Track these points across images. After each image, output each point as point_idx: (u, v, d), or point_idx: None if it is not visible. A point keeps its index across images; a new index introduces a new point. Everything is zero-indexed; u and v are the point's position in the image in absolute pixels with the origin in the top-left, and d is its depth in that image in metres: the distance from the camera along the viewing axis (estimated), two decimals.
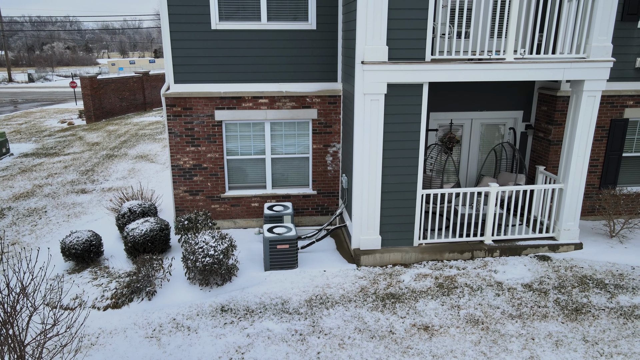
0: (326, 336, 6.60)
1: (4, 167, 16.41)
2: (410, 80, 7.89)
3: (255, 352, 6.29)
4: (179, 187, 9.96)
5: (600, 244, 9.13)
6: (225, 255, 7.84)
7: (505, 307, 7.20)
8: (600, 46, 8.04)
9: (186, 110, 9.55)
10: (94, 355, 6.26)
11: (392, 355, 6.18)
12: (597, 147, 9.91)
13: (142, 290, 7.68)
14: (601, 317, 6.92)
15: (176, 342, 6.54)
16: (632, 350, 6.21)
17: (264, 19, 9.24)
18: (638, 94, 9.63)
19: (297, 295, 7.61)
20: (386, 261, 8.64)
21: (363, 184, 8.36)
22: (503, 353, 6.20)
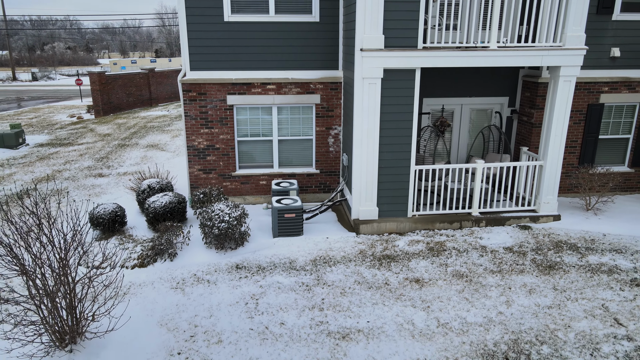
0: (329, 287, 7.54)
1: (22, 155, 17.33)
2: (404, 65, 8.83)
3: (267, 299, 7.22)
4: (193, 165, 10.89)
5: (576, 216, 10.07)
6: (238, 222, 8.77)
7: (487, 265, 8.14)
8: (574, 35, 8.98)
9: (201, 95, 10.48)
10: (127, 300, 7.18)
11: (387, 301, 7.12)
12: (575, 129, 10.85)
13: (164, 252, 8.60)
14: (571, 272, 7.87)
15: (198, 291, 7.48)
16: (595, 296, 7.15)
17: (272, 11, 10.18)
18: (613, 80, 10.57)
19: (303, 257, 8.55)
20: (383, 230, 9.58)
21: (362, 160, 9.30)
22: (483, 298, 7.14)
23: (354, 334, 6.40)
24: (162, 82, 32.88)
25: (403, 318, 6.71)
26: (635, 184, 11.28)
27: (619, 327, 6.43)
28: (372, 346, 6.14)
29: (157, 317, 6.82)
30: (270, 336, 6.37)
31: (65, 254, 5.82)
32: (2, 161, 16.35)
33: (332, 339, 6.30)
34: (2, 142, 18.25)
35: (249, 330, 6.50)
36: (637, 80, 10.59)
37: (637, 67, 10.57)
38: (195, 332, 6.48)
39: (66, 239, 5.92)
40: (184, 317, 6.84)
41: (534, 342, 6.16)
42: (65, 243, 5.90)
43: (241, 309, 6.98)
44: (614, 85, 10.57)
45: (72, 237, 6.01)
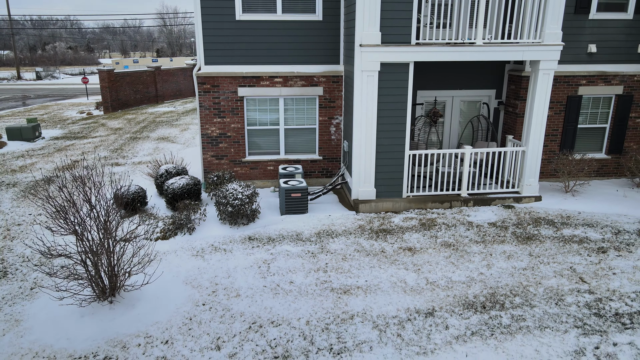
0: (332, 254, 8.54)
1: (40, 147, 18.32)
2: (399, 59, 9.83)
3: (277, 263, 8.23)
4: (207, 152, 11.89)
5: (556, 197, 11.07)
6: (250, 200, 9.77)
7: (472, 237, 9.15)
8: (552, 33, 9.99)
9: (214, 87, 11.48)
10: (155, 265, 8.18)
11: (382, 265, 8.12)
12: (556, 119, 11.85)
13: (184, 226, 9.60)
14: (546, 242, 8.87)
15: (216, 257, 8.48)
16: (565, 260, 8.16)
17: (279, 11, 11.18)
18: (590, 74, 11.58)
19: (308, 230, 9.55)
20: (380, 209, 10.58)
21: (361, 145, 10.30)
22: (467, 263, 8.15)
23: (353, 290, 7.40)
24: (168, 79, 33.88)
25: (396, 278, 7.71)
26: (612, 170, 12.29)
27: (583, 284, 7.44)
28: (370, 299, 7.14)
29: (182, 278, 7.82)
30: (282, 292, 7.37)
31: (106, 219, 6.83)
32: (23, 152, 17.35)
33: (335, 293, 7.30)
34: (21, 135, 19.24)
35: (262, 287, 7.50)
36: (613, 74, 11.59)
37: (612, 62, 11.57)
38: (216, 289, 7.48)
39: (107, 206, 6.92)
40: (205, 277, 7.84)
41: (508, 294, 7.17)
42: (106, 209, 6.90)
43: (255, 271, 7.98)
44: (591, 78, 11.57)
45: (110, 207, 7.01)
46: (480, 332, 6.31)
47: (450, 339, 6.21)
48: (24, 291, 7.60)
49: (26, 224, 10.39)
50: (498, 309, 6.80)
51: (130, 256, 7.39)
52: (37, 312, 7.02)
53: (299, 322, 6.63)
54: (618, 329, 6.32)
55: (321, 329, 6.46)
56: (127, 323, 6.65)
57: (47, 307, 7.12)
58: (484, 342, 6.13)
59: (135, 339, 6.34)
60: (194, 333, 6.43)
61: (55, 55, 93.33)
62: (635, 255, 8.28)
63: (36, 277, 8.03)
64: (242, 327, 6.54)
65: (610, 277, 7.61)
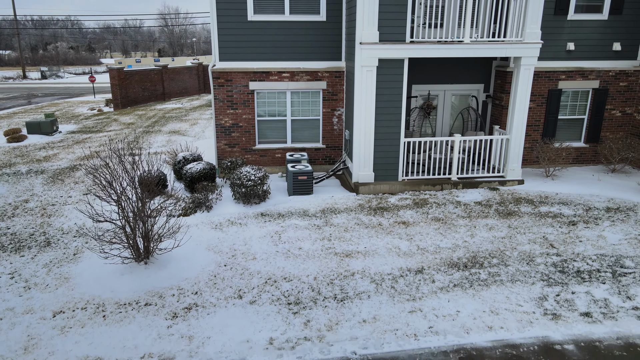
0: (335, 227, 9.71)
1: (59, 140, 19.48)
2: (395, 56, 10.99)
3: (287, 234, 9.39)
4: (220, 141, 13.05)
5: (537, 181, 12.23)
6: (261, 182, 10.93)
7: (459, 213, 10.31)
8: (532, 32, 11.14)
9: (227, 81, 12.64)
10: (180, 236, 9.34)
11: (379, 235, 9.28)
12: (538, 111, 13.01)
13: (203, 205, 10.76)
14: (524, 217, 10.04)
15: (233, 229, 9.64)
16: (539, 231, 9.32)
17: (287, 12, 12.33)
18: (569, 70, 12.73)
19: (313, 208, 10.71)
20: (378, 190, 11.74)
21: (361, 133, 11.45)
22: (454, 233, 9.31)
23: (354, 254, 8.56)
24: (174, 78, 35.04)
25: (391, 245, 8.88)
26: (590, 157, 13.45)
27: (552, 249, 8.60)
28: (368, 260, 8.31)
29: (205, 245, 8.99)
30: (292, 255, 8.54)
31: (142, 192, 7.99)
32: (44, 144, 18.51)
33: (338, 257, 8.47)
34: (39, 129, 20.39)
35: (275, 252, 8.66)
36: (590, 70, 12.75)
37: (589, 58, 12.73)
38: (235, 254, 8.65)
39: (142, 181, 8.09)
40: (224, 245, 9.00)
41: (487, 257, 8.33)
42: (141, 183, 8.07)
43: (268, 240, 9.14)
44: (570, 73, 12.73)
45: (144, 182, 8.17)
46: (461, 285, 7.47)
47: (436, 289, 7.37)
48: (68, 256, 8.76)
49: (59, 204, 11.55)
50: (477, 268, 7.96)
51: (162, 224, 8.55)
52: (82, 272, 8.18)
53: (308, 278, 7.79)
54: (577, 282, 7.49)
55: (327, 283, 7.62)
56: (161, 279, 7.81)
57: (91, 267, 8.29)
58: (464, 291, 7.29)
59: (169, 290, 7.50)
60: (219, 286, 7.59)
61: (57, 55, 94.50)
62: (600, 227, 9.45)
63: (77, 245, 9.19)
64: (259, 282, 7.70)
65: (576, 243, 8.78)
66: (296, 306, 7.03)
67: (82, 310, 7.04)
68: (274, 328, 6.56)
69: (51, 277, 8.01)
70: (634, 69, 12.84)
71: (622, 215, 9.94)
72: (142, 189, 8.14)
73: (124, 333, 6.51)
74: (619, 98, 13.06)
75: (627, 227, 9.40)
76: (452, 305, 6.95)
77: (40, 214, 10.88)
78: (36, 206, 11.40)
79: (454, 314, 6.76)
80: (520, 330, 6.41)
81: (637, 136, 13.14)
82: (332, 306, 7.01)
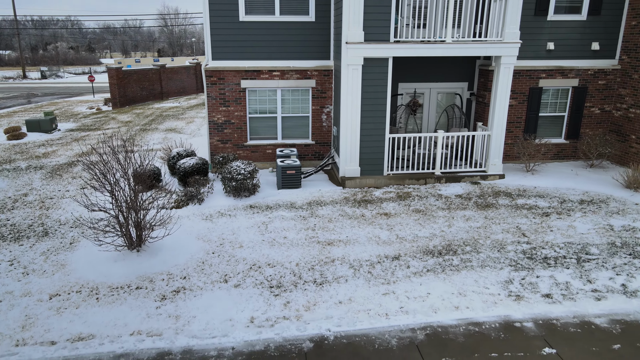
0: (320, 217, 10.17)
1: (57, 137, 19.95)
2: (379, 55, 11.45)
3: (274, 224, 9.85)
4: (213, 137, 13.52)
5: (517, 176, 12.69)
6: (251, 175, 11.39)
7: (440, 205, 10.77)
8: (511, 32, 11.60)
9: (220, 79, 13.11)
10: (171, 226, 9.80)
11: (361, 225, 9.75)
12: (520, 108, 13.47)
13: (194, 197, 11.22)
14: (501, 208, 10.50)
15: (222, 220, 10.11)
16: (514, 222, 9.78)
17: (277, 13, 12.79)
18: (549, 68, 13.19)
19: (300, 200, 11.17)
20: (363, 185, 12.20)
21: (347, 129, 11.91)
22: (432, 223, 9.77)
23: (336, 242, 9.03)
24: (172, 77, 35.51)
25: (372, 234, 9.34)
26: (570, 153, 13.91)
27: (524, 237, 9.07)
28: (348, 248, 8.77)
29: (195, 235, 9.45)
30: (277, 244, 9.00)
31: (135, 183, 8.46)
32: (43, 142, 18.98)
33: (321, 245, 8.93)
34: (39, 127, 20.86)
35: (261, 241, 9.13)
36: (569, 69, 13.21)
37: (569, 57, 13.19)
38: (223, 242, 9.11)
39: (135, 173, 8.55)
40: (214, 234, 9.46)
41: (461, 245, 8.79)
42: (134, 175, 8.53)
43: (255, 230, 9.61)
44: (550, 72, 13.19)
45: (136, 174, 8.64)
46: (434, 270, 7.94)
47: (410, 274, 7.84)
48: (65, 245, 9.23)
49: (57, 197, 12.02)
50: (451, 255, 8.43)
51: (153, 215, 9.02)
52: (77, 259, 8.65)
53: (290, 264, 8.26)
54: (543, 267, 7.95)
55: (308, 269, 8.09)
56: (152, 265, 8.27)
57: (86, 255, 8.75)
58: (436, 276, 7.76)
59: (160, 275, 7.97)
60: (206, 272, 8.06)
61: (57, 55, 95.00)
62: (572, 217, 9.91)
63: (73, 235, 9.66)
64: (244, 267, 8.17)
65: (547, 233, 9.24)
66: (278, 289, 7.50)
67: (76, 293, 7.50)
68: (255, 308, 7.02)
69: (48, 263, 8.48)
70: (612, 67, 13.30)
71: (594, 207, 10.40)
72: (135, 181, 8.60)
73: (115, 313, 6.98)
74: (597, 96, 13.52)
75: (597, 217, 9.86)
76: (424, 288, 7.41)
77: (39, 207, 11.35)
78: (35, 199, 11.86)
79: (424, 296, 7.22)
80: (485, 310, 6.87)
81: (615, 133, 13.59)
82: (311, 289, 7.48)
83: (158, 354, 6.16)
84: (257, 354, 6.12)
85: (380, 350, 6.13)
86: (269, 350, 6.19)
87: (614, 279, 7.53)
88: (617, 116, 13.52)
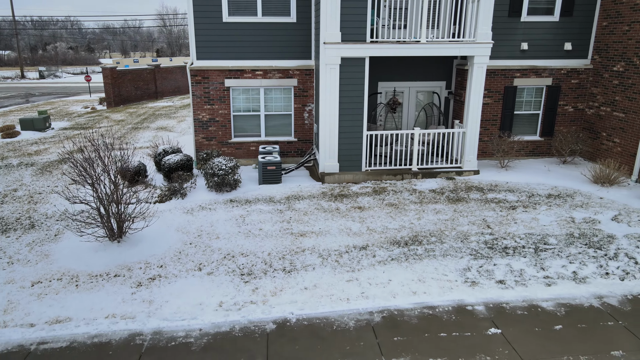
0: (296, 211, 10.58)
1: (51, 136, 20.37)
2: (356, 54, 11.86)
3: (251, 217, 10.27)
4: (198, 134, 13.93)
5: (491, 171, 13.10)
6: (232, 171, 11.81)
7: (413, 199, 11.19)
8: (484, 33, 12.02)
9: (204, 79, 13.52)
10: (154, 219, 10.21)
11: (335, 218, 10.16)
12: (496, 106, 13.88)
13: (177, 192, 11.63)
14: (471, 202, 10.91)
15: (202, 214, 10.52)
16: (481, 214, 10.20)
17: (259, 14, 13.21)
18: (523, 68, 13.60)
19: (279, 195, 11.59)
20: (342, 180, 12.62)
21: (326, 127, 12.32)
22: (404, 216, 10.18)
23: (308, 234, 9.44)
24: (167, 77, 35.92)
25: (344, 226, 9.75)
26: (545, 150, 14.33)
27: (488, 229, 9.48)
28: (320, 239, 9.19)
29: (175, 227, 9.86)
30: (252, 235, 9.42)
31: (115, 176, 8.87)
32: (36, 140, 19.40)
33: (294, 236, 9.34)
34: (33, 126, 21.27)
35: (237, 232, 9.54)
36: (542, 68, 13.63)
37: (542, 57, 13.60)
38: (201, 234, 9.53)
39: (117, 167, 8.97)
40: (193, 226, 9.88)
41: (427, 236, 9.21)
42: (116, 169, 8.95)
43: (233, 222, 10.02)
44: (524, 71, 13.61)
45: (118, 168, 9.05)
46: (398, 259, 8.35)
47: (375, 262, 8.25)
48: (50, 237, 9.64)
49: (45, 193, 12.43)
50: (416, 245, 8.84)
51: (133, 208, 9.44)
52: (61, 250, 9.06)
53: (263, 254, 8.67)
54: (501, 256, 8.37)
55: (279, 258, 8.50)
56: (131, 255, 8.69)
57: (69, 246, 9.16)
58: (399, 264, 8.17)
59: (138, 264, 8.38)
60: (182, 261, 8.47)
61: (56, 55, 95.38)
62: (537, 210, 10.33)
63: (58, 227, 10.07)
64: (219, 257, 8.59)
65: (511, 224, 9.66)
66: (248, 277, 7.91)
67: (57, 280, 7.92)
68: (225, 294, 7.43)
69: (33, 254, 8.89)
70: (584, 67, 13.72)
71: (559, 201, 10.82)
72: (117, 175, 9.01)
73: (92, 298, 7.39)
74: (571, 94, 13.93)
75: (561, 210, 10.28)
76: (386, 276, 7.83)
77: (27, 201, 11.76)
78: (24, 194, 12.27)
79: (385, 283, 7.63)
80: (441, 295, 7.28)
81: (588, 130, 14.01)
82: (279, 276, 7.89)
83: (130, 334, 6.58)
84: (222, 334, 6.53)
85: (337, 331, 6.54)
86: (234, 331, 6.60)
87: (567, 267, 7.95)
88: (590, 114, 13.94)
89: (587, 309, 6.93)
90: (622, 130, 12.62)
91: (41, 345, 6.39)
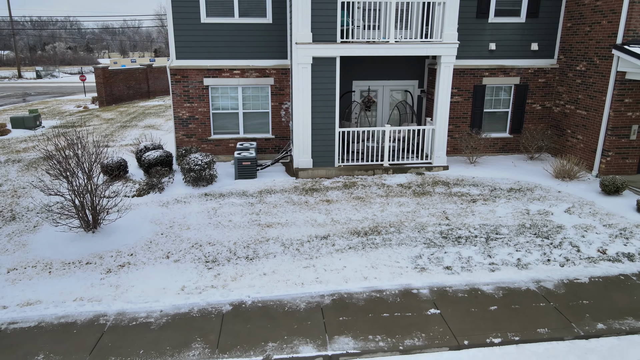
0: (266, 204, 11.06)
1: (40, 134, 20.82)
2: (327, 54, 12.34)
3: (223, 209, 10.74)
4: (178, 132, 14.40)
5: (460, 167, 13.58)
6: (208, 166, 12.28)
7: (380, 193, 11.66)
8: (450, 33, 12.50)
9: (184, 77, 13.99)
10: (129, 213, 10.68)
11: (302, 210, 10.63)
12: (466, 105, 14.36)
13: (155, 187, 12.10)
14: (435, 196, 11.39)
15: (177, 206, 10.99)
16: (442, 207, 10.68)
17: (236, 15, 13.68)
18: (491, 67, 14.08)
19: (253, 189, 12.06)
20: (316, 175, 13.09)
21: (300, 124, 12.79)
22: (367, 209, 10.66)
23: (275, 225, 9.91)
24: (159, 77, 36.38)
25: (310, 218, 10.23)
26: (514, 147, 14.81)
27: (446, 220, 9.96)
28: (285, 230, 9.66)
29: (149, 218, 10.33)
30: (221, 226, 9.89)
31: (89, 168, 9.34)
32: (25, 137, 19.86)
33: (260, 227, 9.82)
34: (23, 124, 21.73)
35: (208, 224, 10.02)
36: (510, 67, 14.11)
37: (510, 57, 14.08)
38: (173, 225, 10.00)
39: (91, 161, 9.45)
40: (166, 218, 10.35)
41: (387, 226, 9.69)
42: (89, 163, 9.42)
43: (204, 214, 10.50)
44: (493, 70, 14.09)
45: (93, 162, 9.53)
46: (355, 247, 8.83)
47: (333, 251, 8.73)
48: (29, 228, 10.11)
49: (29, 187, 12.89)
50: (375, 235, 9.32)
51: (109, 200, 9.91)
52: (38, 240, 9.53)
53: (229, 243, 9.15)
54: (453, 245, 8.85)
55: (243, 247, 8.98)
56: (104, 245, 9.16)
57: (46, 237, 9.63)
58: (356, 252, 8.65)
59: (109, 253, 8.85)
60: (152, 249, 8.94)
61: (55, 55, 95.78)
62: (496, 203, 10.81)
63: (38, 219, 10.54)
64: (187, 246, 9.06)
65: (468, 216, 10.14)
66: (212, 264, 8.39)
67: (32, 267, 8.39)
68: (188, 279, 7.91)
69: (11, 244, 9.36)
70: (551, 66, 14.20)
71: (519, 195, 11.30)
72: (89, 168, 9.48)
73: (63, 284, 7.86)
74: (538, 93, 14.42)
75: (519, 203, 10.76)
76: (342, 263, 8.31)
77: (11, 195, 12.23)
78: (8, 189, 12.74)
79: (340, 269, 8.11)
80: (390, 280, 7.76)
81: (555, 127, 14.49)
82: (242, 264, 8.37)
83: (95, 315, 7.05)
84: (181, 315, 7.01)
85: (288, 312, 7.02)
86: (192, 312, 7.07)
87: (512, 254, 8.43)
88: (556, 112, 14.42)
89: (524, 292, 7.41)
90: (584, 127, 13.11)
91: (11, 325, 6.86)
